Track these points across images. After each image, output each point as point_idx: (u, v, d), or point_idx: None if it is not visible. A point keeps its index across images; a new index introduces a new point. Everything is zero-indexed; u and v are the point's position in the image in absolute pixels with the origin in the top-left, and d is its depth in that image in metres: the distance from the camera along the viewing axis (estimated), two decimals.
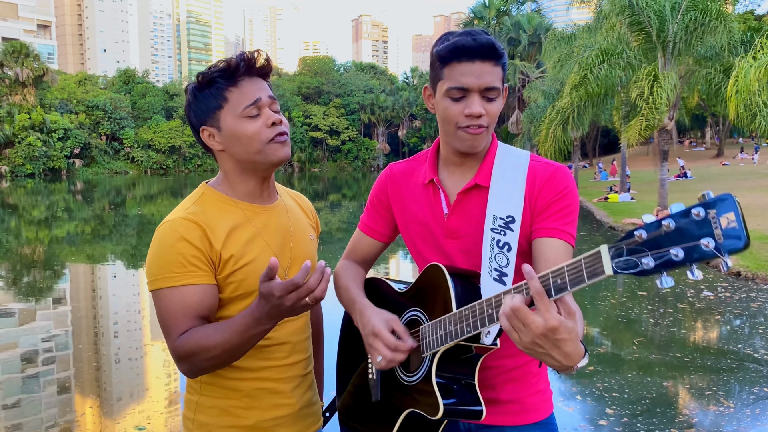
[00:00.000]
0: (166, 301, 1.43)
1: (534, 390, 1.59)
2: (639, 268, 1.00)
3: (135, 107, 70.04)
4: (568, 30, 24.57)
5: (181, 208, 1.52)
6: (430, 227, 1.59)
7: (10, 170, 54.84)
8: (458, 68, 1.42)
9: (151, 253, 1.47)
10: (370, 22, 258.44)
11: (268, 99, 1.52)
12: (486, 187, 1.52)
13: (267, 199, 1.61)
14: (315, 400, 1.74)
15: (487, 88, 1.42)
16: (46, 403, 5.04)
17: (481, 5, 57.27)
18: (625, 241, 1.01)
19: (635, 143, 15.68)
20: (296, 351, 1.63)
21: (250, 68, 1.51)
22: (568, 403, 4.83)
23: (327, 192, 36.19)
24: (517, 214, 1.47)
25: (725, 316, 7.53)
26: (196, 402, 1.57)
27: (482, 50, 1.40)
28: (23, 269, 11.82)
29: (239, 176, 1.56)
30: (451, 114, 1.46)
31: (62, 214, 23.93)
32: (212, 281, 1.47)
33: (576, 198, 1.50)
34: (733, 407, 4.70)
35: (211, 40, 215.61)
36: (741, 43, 15.60)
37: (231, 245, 1.49)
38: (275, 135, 1.51)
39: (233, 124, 1.49)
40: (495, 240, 1.45)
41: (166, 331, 1.45)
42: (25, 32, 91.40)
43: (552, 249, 1.43)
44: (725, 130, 48.16)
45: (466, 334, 1.32)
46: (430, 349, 1.41)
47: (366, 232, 1.76)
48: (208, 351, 1.38)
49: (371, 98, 77.45)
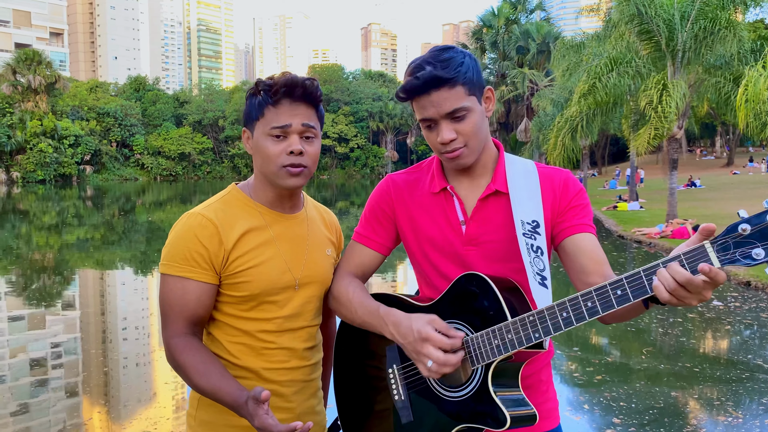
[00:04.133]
0: (168, 287, 1.55)
1: (545, 398, 1.60)
2: (752, 260, 1.09)
3: (145, 114, 70.55)
4: (577, 38, 24.54)
5: (205, 204, 1.62)
6: (445, 236, 1.57)
7: (22, 176, 55.31)
8: (419, 102, 1.48)
9: (168, 239, 1.58)
10: (379, 30, 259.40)
11: (300, 127, 1.55)
12: (505, 193, 1.54)
13: (289, 209, 1.67)
14: (319, 410, 1.74)
15: (448, 113, 1.45)
16: (54, 407, 5.06)
17: (489, 14, 57.36)
18: (730, 236, 1.11)
19: (644, 152, 15.63)
20: (297, 357, 1.64)
21: (290, 93, 1.54)
22: (576, 413, 4.81)
23: (335, 199, 36.24)
24: (540, 219, 1.51)
25: (735, 326, 7.47)
26: (198, 399, 1.62)
27: (429, 84, 1.44)
28: (33, 275, 11.90)
29: (263, 183, 1.64)
30: (431, 141, 1.53)
31: (72, 220, 24.09)
32: (213, 281, 1.55)
33: (588, 198, 1.59)
34: (742, 418, 4.66)
35: (221, 48, 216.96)
36: (751, 52, 15.56)
37: (242, 246, 1.55)
38: (289, 164, 1.55)
39: (260, 138, 1.57)
40: (529, 245, 1.47)
41: (163, 318, 1.56)
42: (38, 40, 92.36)
43: (588, 242, 1.50)
44: (735, 139, 47.88)
45: (534, 340, 1.32)
46: (483, 360, 1.38)
47: (365, 243, 1.69)
48: (189, 381, 1.52)
49: (380, 106, 77.62)
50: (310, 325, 1.67)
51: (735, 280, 9.78)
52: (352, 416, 1.69)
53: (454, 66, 1.44)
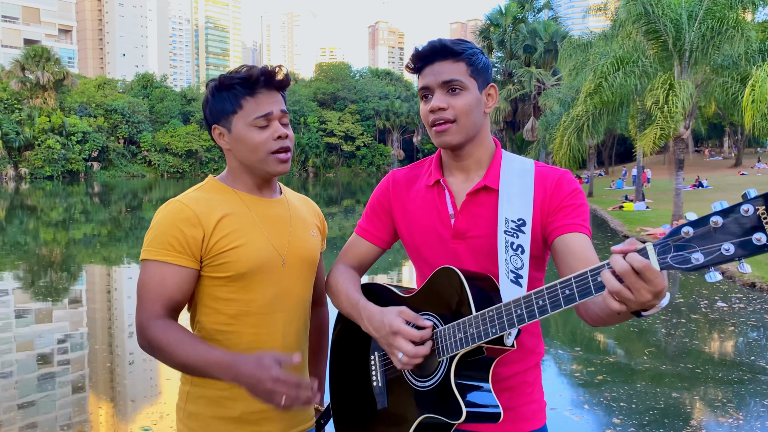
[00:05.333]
0: (147, 272, 1.54)
1: (529, 399, 1.60)
2: (689, 264, 1.04)
3: (153, 111, 70.76)
4: (585, 38, 24.49)
5: (184, 193, 1.64)
6: (436, 229, 1.59)
7: (30, 172, 55.63)
8: (423, 73, 1.54)
9: (149, 228, 1.59)
10: (387, 28, 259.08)
11: (279, 113, 1.60)
12: (495, 190, 1.54)
13: (268, 194, 1.70)
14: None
15: (444, 82, 1.50)
16: (61, 402, 5.12)
17: (497, 12, 57.18)
18: (672, 238, 1.06)
19: (650, 152, 15.60)
20: (286, 349, 1.63)
21: (268, 82, 1.59)
22: (576, 412, 4.83)
23: (341, 197, 36.29)
24: (528, 218, 1.50)
25: (739, 327, 7.46)
26: (187, 391, 1.63)
27: (435, 51, 1.51)
28: (40, 270, 11.99)
29: (242, 173, 1.66)
30: (423, 114, 1.56)
31: (80, 217, 24.24)
32: (193, 266, 1.55)
33: (585, 198, 1.56)
34: (743, 419, 4.67)
35: (229, 46, 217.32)
36: (759, 52, 15.49)
37: (223, 228, 1.56)
38: (278, 148, 1.60)
39: (242, 131, 1.59)
40: (509, 242, 1.47)
41: (139, 301, 1.55)
42: (47, 36, 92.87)
43: (578, 242, 1.46)
44: (743, 139, 47.62)
45: (491, 335, 1.33)
46: (448, 352, 1.41)
47: (364, 236, 1.75)
48: (172, 357, 1.49)
49: (386, 104, 77.57)
50: (299, 308, 1.68)
51: (740, 281, 9.75)
52: (341, 401, 1.73)
53: (464, 46, 1.52)
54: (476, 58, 1.52)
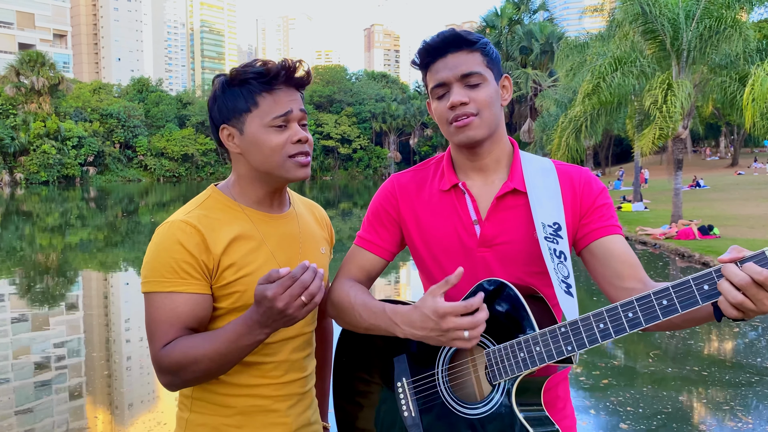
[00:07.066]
0: (155, 306, 1.36)
1: (562, 415, 1.51)
2: None
3: (148, 116, 70.66)
4: (581, 38, 24.49)
5: (184, 211, 1.44)
6: (458, 237, 1.46)
7: (25, 177, 55.47)
8: (434, 67, 1.43)
9: (147, 253, 1.40)
10: (382, 31, 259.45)
11: (299, 113, 1.44)
12: (524, 192, 1.43)
13: (277, 209, 1.53)
14: (314, 420, 1.60)
15: (464, 75, 1.39)
16: (58, 409, 5.04)
17: (493, 14, 57.32)
18: None
19: (649, 152, 15.55)
20: (294, 369, 1.51)
21: (289, 78, 1.42)
22: (582, 418, 4.75)
23: (338, 200, 36.22)
24: (562, 221, 1.40)
25: (744, 329, 7.40)
26: (186, 419, 1.48)
27: (449, 42, 1.41)
28: (37, 276, 11.89)
29: (251, 183, 1.48)
30: (440, 112, 1.44)
31: (76, 222, 24.12)
32: (206, 291, 1.38)
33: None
34: (752, 423, 4.60)
35: (225, 50, 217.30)
36: (757, 52, 15.48)
37: (232, 253, 1.40)
38: (298, 153, 1.43)
39: (258, 132, 1.41)
40: (552, 249, 1.36)
41: (150, 337, 1.37)
42: (42, 41, 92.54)
43: (619, 245, 1.39)
44: (740, 139, 47.74)
45: (566, 353, 1.24)
46: (507, 374, 1.29)
47: (368, 248, 1.57)
48: (196, 363, 1.31)
49: (383, 107, 77.60)
50: (305, 333, 1.55)
51: None
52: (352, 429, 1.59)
53: (477, 36, 1.43)
54: (489, 48, 1.44)
